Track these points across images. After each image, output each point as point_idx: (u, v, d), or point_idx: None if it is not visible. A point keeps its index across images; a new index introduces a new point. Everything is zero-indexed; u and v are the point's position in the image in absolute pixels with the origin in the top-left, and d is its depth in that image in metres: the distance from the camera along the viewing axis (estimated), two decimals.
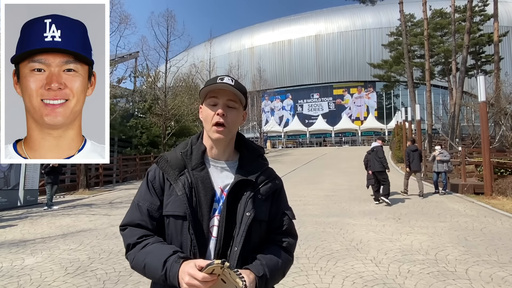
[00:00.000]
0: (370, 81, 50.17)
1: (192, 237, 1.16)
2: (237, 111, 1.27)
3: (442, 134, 24.28)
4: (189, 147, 1.29)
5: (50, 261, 5.27)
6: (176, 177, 1.22)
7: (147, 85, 26.63)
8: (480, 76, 11.18)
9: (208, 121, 1.24)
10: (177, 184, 1.21)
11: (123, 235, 1.24)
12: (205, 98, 1.27)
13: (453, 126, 21.12)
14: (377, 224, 7.18)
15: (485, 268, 4.45)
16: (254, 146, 1.37)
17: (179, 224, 1.19)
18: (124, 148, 22.65)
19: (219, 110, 1.22)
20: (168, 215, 1.21)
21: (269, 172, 1.33)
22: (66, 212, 9.91)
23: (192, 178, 1.22)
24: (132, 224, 1.23)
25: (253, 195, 1.23)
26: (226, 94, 1.23)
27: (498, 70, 22.25)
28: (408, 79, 22.93)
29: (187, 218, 1.16)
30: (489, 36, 27.87)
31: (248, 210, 1.20)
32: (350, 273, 4.40)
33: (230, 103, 1.25)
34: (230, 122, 1.24)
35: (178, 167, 1.24)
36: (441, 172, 11.13)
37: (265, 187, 1.27)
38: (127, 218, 1.25)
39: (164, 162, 1.26)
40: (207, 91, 1.24)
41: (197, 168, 1.24)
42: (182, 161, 1.25)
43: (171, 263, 1.08)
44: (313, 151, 34.19)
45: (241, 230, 1.18)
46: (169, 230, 1.21)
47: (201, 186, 1.21)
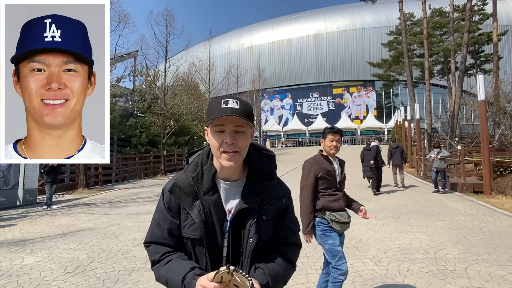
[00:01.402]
0: (370, 80, 50.19)
1: (208, 260, 1.24)
2: (245, 134, 1.22)
3: (442, 133, 24.29)
4: (200, 170, 1.27)
5: (49, 260, 5.27)
6: (191, 203, 1.25)
7: (147, 84, 26.61)
8: (480, 75, 11.17)
9: (216, 148, 1.20)
10: (192, 211, 1.24)
11: (148, 252, 1.31)
12: (211, 122, 1.21)
13: (453, 125, 21.13)
14: (377, 223, 7.19)
15: (485, 267, 4.46)
16: (261, 166, 1.31)
17: (196, 246, 1.26)
18: (123, 148, 22.64)
19: (227, 139, 1.17)
20: (185, 237, 1.27)
21: (276, 192, 1.32)
22: (66, 212, 9.91)
23: (205, 203, 1.24)
24: (155, 242, 1.29)
25: (257, 220, 1.25)
26: (233, 121, 1.18)
27: (497, 69, 22.25)
28: (408, 78, 22.92)
29: (204, 243, 1.23)
30: (488, 35, 27.87)
31: (251, 236, 1.24)
32: (349, 272, 4.40)
33: (237, 128, 1.20)
34: (242, 147, 1.21)
35: (192, 194, 1.25)
36: (440, 171, 11.14)
37: (270, 208, 1.28)
38: (150, 236, 1.31)
39: (178, 190, 1.27)
40: (213, 118, 1.18)
41: (209, 192, 1.24)
42: (194, 186, 1.25)
43: (189, 280, 1.14)
44: (313, 150, 34.16)
45: (246, 255, 1.24)
46: (187, 249, 1.29)
47: (214, 211, 1.24)
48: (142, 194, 13.07)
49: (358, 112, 54.06)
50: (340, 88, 55.28)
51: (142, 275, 4.49)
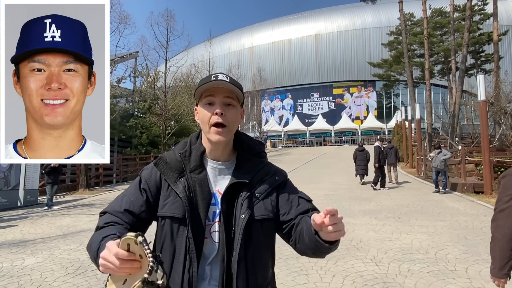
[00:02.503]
0: (370, 80, 50.18)
1: (190, 241, 1.12)
2: (236, 109, 1.22)
3: (442, 133, 24.28)
4: (188, 147, 1.25)
5: (50, 261, 5.28)
6: (175, 179, 1.19)
7: (147, 85, 26.62)
8: (480, 75, 11.18)
9: (205, 122, 1.19)
10: (177, 186, 1.18)
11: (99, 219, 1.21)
12: (200, 98, 1.22)
13: (453, 125, 21.12)
14: (377, 223, 7.18)
15: (485, 267, 4.45)
16: (251, 145, 1.31)
17: (176, 227, 1.15)
18: (124, 148, 22.64)
19: (217, 110, 1.16)
20: (164, 216, 1.17)
21: (267, 169, 1.28)
22: (66, 212, 9.91)
23: (190, 181, 1.18)
24: (111, 212, 1.19)
25: (249, 195, 1.19)
26: (222, 91, 1.18)
27: (498, 69, 22.25)
28: (408, 78, 22.92)
29: (186, 221, 1.13)
30: (489, 35, 27.86)
31: (243, 212, 1.16)
32: (350, 272, 4.41)
33: (227, 100, 1.19)
34: (230, 121, 1.19)
35: (178, 169, 1.21)
36: (441, 171, 11.13)
37: (262, 186, 1.23)
38: (108, 206, 1.22)
39: (163, 164, 1.23)
40: (202, 91, 1.19)
41: (196, 170, 1.21)
42: (181, 162, 1.21)
43: (106, 241, 0.98)
44: (313, 151, 34.18)
45: (237, 233, 1.14)
46: (163, 231, 1.18)
47: (199, 189, 1.18)
48: None
49: (359, 112, 54.04)
50: (341, 88, 55.29)
51: None
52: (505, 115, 19.06)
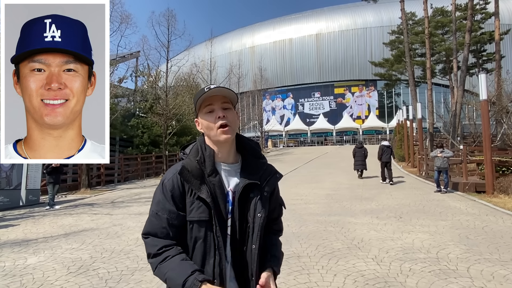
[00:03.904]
0: (371, 80, 50.13)
1: (218, 239, 1.28)
2: (232, 111, 1.37)
3: (444, 133, 24.23)
4: (202, 154, 1.36)
5: (52, 260, 5.29)
6: (199, 185, 1.30)
7: (148, 84, 26.62)
8: (482, 74, 11.12)
9: (211, 128, 1.33)
10: (201, 192, 1.29)
11: (146, 243, 1.33)
12: (200, 110, 1.37)
13: (455, 124, 21.07)
14: (379, 222, 7.17)
15: (487, 267, 4.44)
16: (253, 147, 1.47)
17: (203, 229, 1.29)
18: (125, 148, 22.67)
19: (219, 114, 1.32)
20: (192, 221, 1.30)
21: (269, 169, 1.45)
22: (68, 212, 9.93)
23: (210, 185, 1.31)
24: (153, 233, 1.31)
25: (260, 195, 1.36)
26: (219, 98, 1.34)
27: (500, 69, 22.18)
28: (409, 77, 22.87)
29: (213, 222, 1.28)
30: (491, 34, 27.76)
31: (259, 211, 1.34)
32: (351, 272, 4.40)
33: (225, 105, 1.35)
34: (232, 121, 1.34)
35: (199, 176, 1.32)
36: (443, 171, 11.11)
37: (268, 185, 1.40)
38: (148, 226, 1.34)
39: (187, 173, 1.32)
40: (201, 102, 1.34)
41: (212, 174, 1.33)
42: (199, 169, 1.33)
43: (190, 285, 1.19)
44: (314, 150, 34.15)
45: (256, 230, 1.33)
46: (192, 234, 1.31)
47: (219, 191, 1.32)
48: (144, 194, 13.08)
49: (360, 111, 54.01)
50: (342, 88, 55.26)
51: (145, 275, 4.50)
52: (506, 115, 18.98)
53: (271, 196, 1.44)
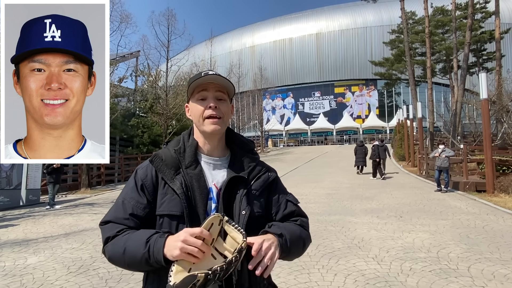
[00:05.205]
0: (372, 79, 50.13)
1: None
2: (227, 103, 1.26)
3: (444, 132, 24.22)
4: (182, 144, 1.26)
5: (52, 260, 5.29)
6: (172, 176, 1.19)
7: (148, 84, 26.63)
8: (482, 73, 11.13)
9: (199, 115, 1.22)
10: (174, 183, 1.17)
11: (103, 229, 1.19)
12: (192, 94, 1.25)
13: (455, 123, 21.06)
14: (379, 222, 7.17)
15: (487, 266, 4.44)
16: (244, 141, 1.35)
17: (174, 225, 1.15)
18: (125, 148, 22.68)
19: (211, 104, 1.20)
20: (162, 215, 1.17)
21: (260, 165, 1.31)
22: (68, 212, 9.93)
23: (186, 177, 1.19)
24: (115, 221, 1.17)
25: (247, 192, 1.21)
26: (214, 86, 1.23)
27: (500, 68, 22.15)
28: (410, 77, 22.87)
29: (185, 218, 1.13)
30: (491, 33, 27.73)
31: (244, 209, 1.17)
32: (352, 271, 4.41)
33: (219, 95, 1.24)
34: (224, 113, 1.23)
35: (174, 166, 1.21)
36: (443, 170, 11.11)
37: (258, 182, 1.26)
38: (110, 215, 1.20)
39: (159, 161, 1.22)
40: (195, 86, 1.23)
41: (191, 166, 1.21)
42: (176, 159, 1.22)
43: (155, 239, 1.05)
44: (315, 150, 34.16)
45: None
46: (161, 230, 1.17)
47: (196, 185, 1.18)
48: None
49: (360, 111, 54.01)
50: (342, 87, 55.25)
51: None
52: (507, 114, 18.97)
53: (268, 195, 1.29)
